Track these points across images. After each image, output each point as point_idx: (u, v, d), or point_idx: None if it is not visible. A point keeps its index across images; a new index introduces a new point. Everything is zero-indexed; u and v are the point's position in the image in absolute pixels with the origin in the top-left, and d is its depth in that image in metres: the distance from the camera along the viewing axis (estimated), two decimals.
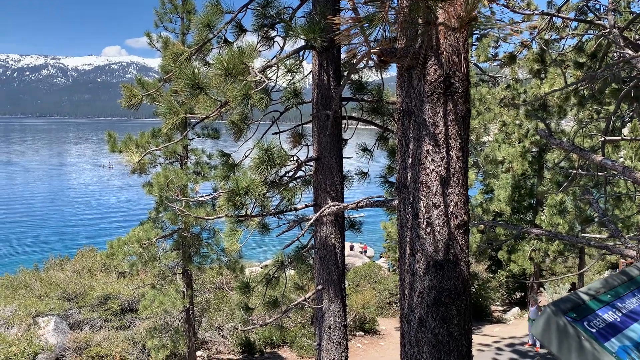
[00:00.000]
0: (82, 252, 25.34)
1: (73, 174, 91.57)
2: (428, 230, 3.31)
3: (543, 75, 18.53)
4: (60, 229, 48.13)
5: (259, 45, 6.67)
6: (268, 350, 16.37)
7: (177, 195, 11.37)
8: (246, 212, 6.13)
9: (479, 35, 18.30)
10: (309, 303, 7.13)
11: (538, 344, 14.98)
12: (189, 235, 12.91)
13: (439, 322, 3.39)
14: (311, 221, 5.56)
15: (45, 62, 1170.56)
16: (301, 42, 6.22)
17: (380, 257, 36.30)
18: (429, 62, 3.17)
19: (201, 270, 14.57)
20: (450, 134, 3.20)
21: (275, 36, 6.81)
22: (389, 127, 7.22)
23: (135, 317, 16.23)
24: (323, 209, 5.33)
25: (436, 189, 3.24)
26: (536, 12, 7.70)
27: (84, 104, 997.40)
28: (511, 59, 9.47)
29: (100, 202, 61.80)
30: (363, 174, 7.71)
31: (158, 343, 12.61)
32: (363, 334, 18.02)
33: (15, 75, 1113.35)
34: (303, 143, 6.99)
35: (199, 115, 5.97)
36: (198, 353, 15.22)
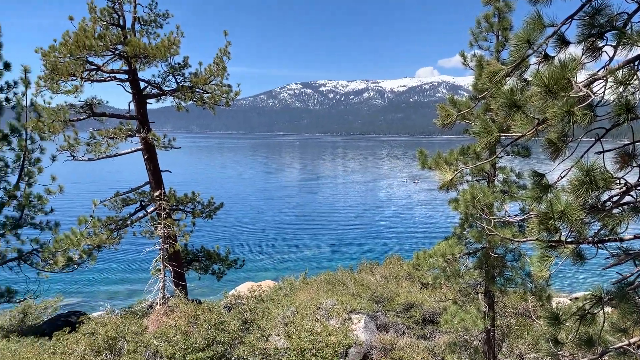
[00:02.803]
0: (390, 259, 27.50)
1: (385, 187, 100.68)
2: None
3: None
4: (373, 235, 53.45)
5: (583, 57, 6.15)
6: None
7: (484, 214, 11.30)
8: (559, 237, 5.72)
9: None
10: (633, 349, 6.17)
11: None
12: (492, 255, 12.66)
13: None
14: None
15: (366, 86, 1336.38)
16: (637, 50, 5.47)
17: None
18: None
19: (503, 293, 14.04)
20: None
21: (603, 46, 6.17)
22: None
23: (436, 329, 16.71)
24: None
25: None
26: None
27: (396, 122, 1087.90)
28: None
29: (408, 215, 66.24)
30: None
31: (457, 359, 12.71)
32: None
33: (342, 99, 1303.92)
34: (634, 164, 6.11)
35: (513, 134, 5.86)
36: None
